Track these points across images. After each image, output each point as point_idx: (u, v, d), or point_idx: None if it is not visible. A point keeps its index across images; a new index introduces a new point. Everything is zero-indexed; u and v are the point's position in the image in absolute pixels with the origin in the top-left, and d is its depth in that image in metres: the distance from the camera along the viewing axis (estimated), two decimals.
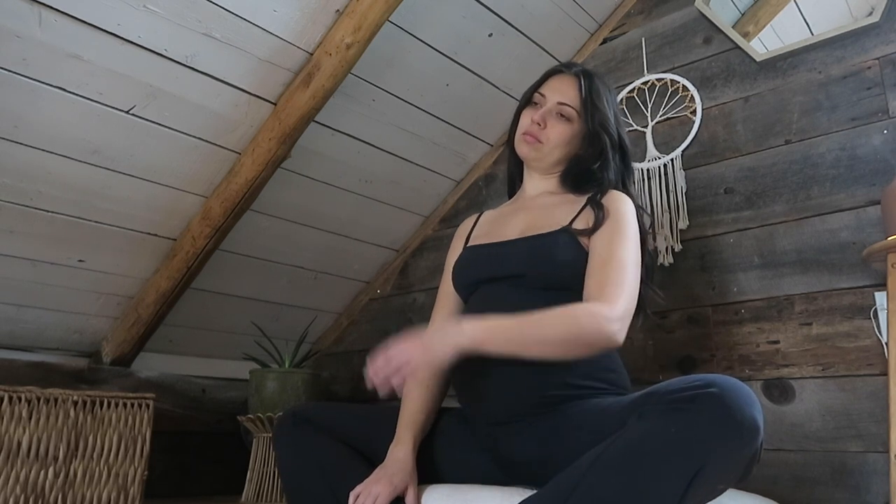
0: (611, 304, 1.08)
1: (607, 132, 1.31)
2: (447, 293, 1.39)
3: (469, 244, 1.37)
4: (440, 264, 2.21)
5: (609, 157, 1.31)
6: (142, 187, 1.73)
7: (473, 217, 1.47)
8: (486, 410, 1.17)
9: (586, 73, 1.35)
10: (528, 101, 1.37)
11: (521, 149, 1.34)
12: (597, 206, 1.24)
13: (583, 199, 1.28)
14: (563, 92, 1.32)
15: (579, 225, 1.23)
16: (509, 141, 1.42)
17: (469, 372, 1.19)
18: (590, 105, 1.31)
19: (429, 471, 1.19)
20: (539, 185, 1.37)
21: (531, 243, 1.24)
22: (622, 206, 1.24)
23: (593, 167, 1.31)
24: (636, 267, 1.17)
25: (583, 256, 1.19)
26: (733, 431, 0.82)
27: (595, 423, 1.00)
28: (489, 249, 1.29)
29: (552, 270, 1.19)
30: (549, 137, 1.31)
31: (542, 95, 1.34)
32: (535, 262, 1.21)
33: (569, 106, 1.31)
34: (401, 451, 1.15)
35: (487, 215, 1.45)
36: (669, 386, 0.90)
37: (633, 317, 1.34)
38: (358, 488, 1.08)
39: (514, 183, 1.47)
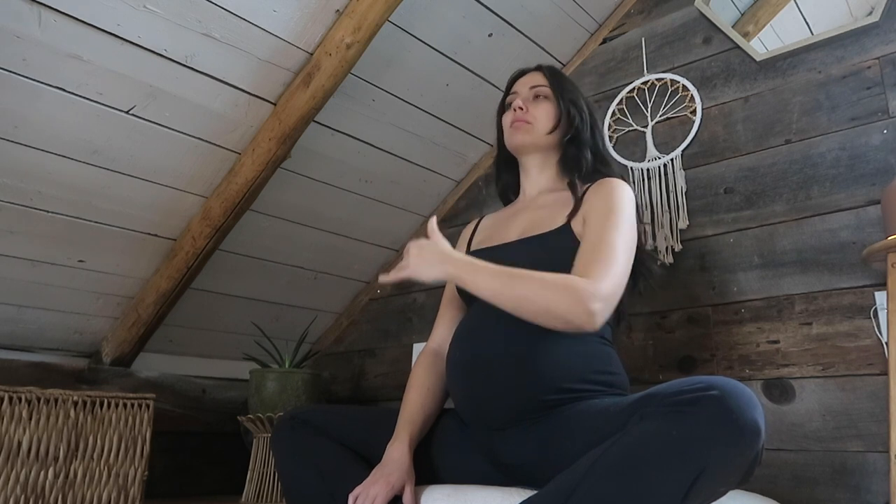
0: (596, 282, 1.06)
1: (577, 107, 1.37)
2: (450, 298, 1.39)
3: (471, 249, 1.37)
4: None
5: (583, 135, 1.36)
6: (142, 187, 1.73)
7: (473, 222, 1.47)
8: (482, 415, 1.17)
9: (547, 65, 1.45)
10: (503, 106, 1.44)
11: (515, 139, 1.36)
12: (583, 194, 1.28)
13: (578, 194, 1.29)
14: (531, 80, 1.41)
15: (577, 222, 1.23)
16: (498, 155, 1.47)
17: (466, 378, 1.19)
18: (558, 85, 1.39)
19: (428, 472, 1.18)
20: (538, 182, 1.37)
21: (530, 244, 1.24)
22: (616, 191, 1.24)
23: (571, 149, 1.35)
24: (628, 253, 1.16)
25: None
26: (735, 434, 0.82)
27: (594, 424, 1.00)
28: (489, 253, 1.28)
29: (552, 271, 1.19)
30: (536, 116, 1.36)
31: (515, 93, 1.41)
32: (534, 263, 1.21)
33: (541, 86, 1.39)
34: (397, 450, 1.14)
35: (487, 219, 1.45)
36: (670, 388, 0.89)
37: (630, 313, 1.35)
38: (356, 490, 1.08)
39: (506, 194, 1.49)
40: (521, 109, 1.35)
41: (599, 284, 1.06)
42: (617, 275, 1.10)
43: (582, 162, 1.34)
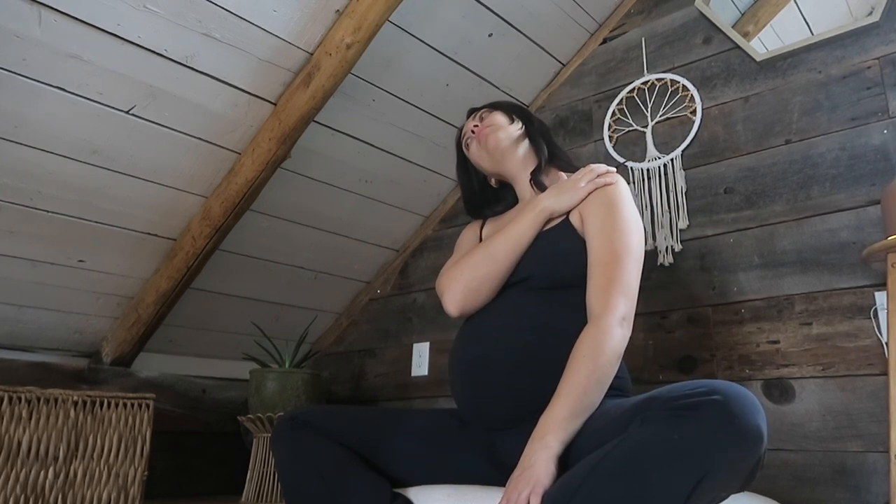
0: (612, 312, 1.09)
1: (516, 105, 1.45)
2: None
3: None
4: (440, 264, 2.22)
5: (535, 124, 1.42)
6: (142, 187, 1.73)
7: (477, 224, 1.47)
8: (483, 416, 1.17)
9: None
10: (465, 160, 1.48)
11: (489, 143, 1.37)
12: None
13: None
14: (471, 119, 1.45)
15: (575, 217, 1.25)
16: (470, 204, 1.50)
17: (468, 376, 1.19)
18: (492, 105, 1.45)
19: (426, 472, 1.18)
20: (528, 188, 1.38)
21: (533, 243, 1.24)
22: (614, 187, 1.24)
23: (532, 136, 1.39)
24: (638, 253, 1.17)
25: (584, 248, 1.20)
26: (737, 440, 0.81)
27: (596, 426, 1.00)
28: None
29: (554, 269, 1.20)
30: (491, 121, 1.39)
31: (463, 134, 1.46)
32: (536, 262, 1.22)
33: (480, 111, 1.44)
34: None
35: (491, 223, 1.45)
36: (673, 391, 0.89)
37: None
38: None
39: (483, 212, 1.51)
40: (476, 126, 1.40)
41: (616, 312, 1.09)
42: (629, 289, 1.13)
43: (542, 147, 1.38)
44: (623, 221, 1.19)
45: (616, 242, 1.16)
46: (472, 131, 1.40)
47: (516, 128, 1.39)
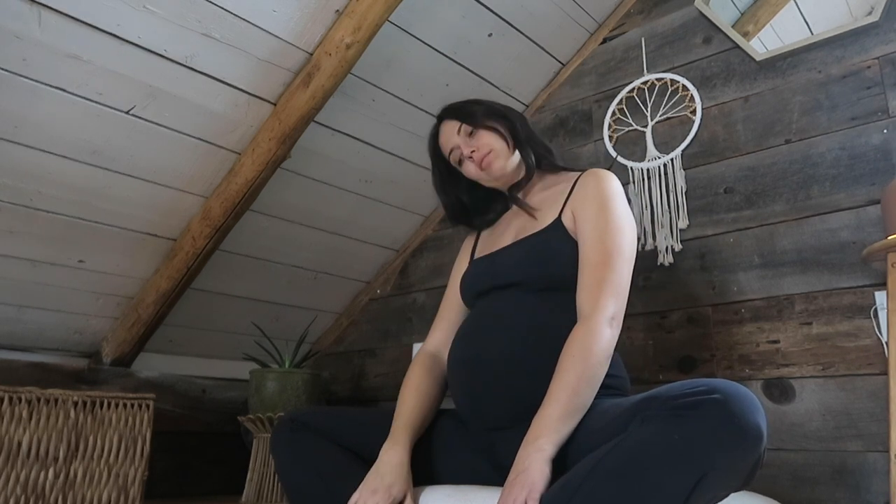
0: (601, 312, 1.09)
1: (496, 112, 1.35)
2: (451, 301, 1.40)
3: (475, 258, 1.38)
4: (440, 264, 2.22)
5: (520, 130, 1.34)
6: (142, 187, 1.73)
7: (472, 236, 1.47)
8: (483, 416, 1.17)
9: (443, 109, 1.40)
10: (446, 168, 1.40)
11: (493, 169, 1.32)
12: (571, 188, 1.27)
13: (566, 189, 1.29)
14: (450, 131, 1.36)
15: (567, 217, 1.24)
16: (459, 218, 1.45)
17: (466, 377, 1.19)
18: (468, 115, 1.34)
19: (426, 473, 1.18)
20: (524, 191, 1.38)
21: (524, 245, 1.24)
22: (602, 184, 1.23)
23: (522, 145, 1.34)
24: (627, 254, 1.17)
25: (575, 250, 1.20)
26: (737, 438, 0.81)
27: (595, 426, 1.00)
28: (488, 259, 1.31)
29: (546, 270, 1.20)
30: (486, 143, 1.32)
31: (452, 150, 1.36)
32: (528, 264, 1.21)
33: (461, 126, 1.34)
34: (396, 455, 1.12)
35: (486, 232, 1.45)
36: (672, 391, 0.89)
37: None
38: (354, 497, 1.07)
39: (474, 222, 1.46)
40: (474, 150, 1.32)
41: (605, 312, 1.09)
42: (621, 285, 1.13)
43: (530, 156, 1.34)
44: (615, 220, 1.18)
45: (607, 243, 1.16)
46: (471, 157, 1.33)
47: (510, 146, 1.34)
